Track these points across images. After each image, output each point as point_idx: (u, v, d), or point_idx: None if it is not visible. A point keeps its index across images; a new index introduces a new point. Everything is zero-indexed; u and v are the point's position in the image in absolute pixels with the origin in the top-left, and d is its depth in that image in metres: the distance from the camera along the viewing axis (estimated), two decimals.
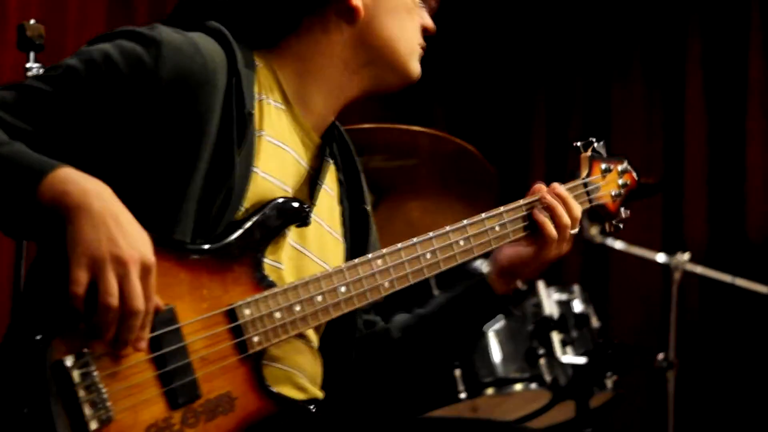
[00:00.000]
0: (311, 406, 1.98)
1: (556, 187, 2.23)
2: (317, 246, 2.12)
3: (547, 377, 3.75)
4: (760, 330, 5.50)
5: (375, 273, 2.04)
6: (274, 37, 2.12)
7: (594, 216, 2.35)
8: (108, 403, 1.72)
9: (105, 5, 4.50)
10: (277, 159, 2.06)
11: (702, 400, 5.58)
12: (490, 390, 3.71)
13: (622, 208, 2.39)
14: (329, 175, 2.22)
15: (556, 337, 3.82)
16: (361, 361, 2.28)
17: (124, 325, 1.70)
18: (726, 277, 4.90)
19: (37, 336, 1.68)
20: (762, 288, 4.84)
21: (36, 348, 1.68)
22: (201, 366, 1.83)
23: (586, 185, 2.32)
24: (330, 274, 1.99)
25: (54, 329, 1.70)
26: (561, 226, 2.19)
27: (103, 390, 1.71)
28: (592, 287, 4.52)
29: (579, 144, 2.37)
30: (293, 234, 2.06)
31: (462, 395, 3.68)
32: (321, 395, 2.13)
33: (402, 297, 2.24)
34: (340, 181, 2.26)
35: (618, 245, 5.02)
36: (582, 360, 3.78)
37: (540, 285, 3.89)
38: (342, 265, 2.02)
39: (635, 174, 2.41)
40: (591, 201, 2.32)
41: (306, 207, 2.02)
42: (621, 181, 2.39)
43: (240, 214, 1.96)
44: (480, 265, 3.88)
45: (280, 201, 2.00)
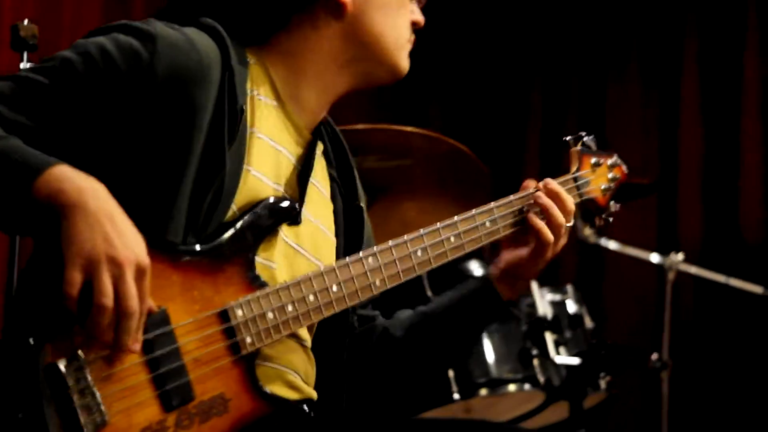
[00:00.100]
0: (305, 406, 1.98)
1: (549, 183, 2.23)
2: (310, 243, 2.12)
3: (541, 378, 3.75)
4: (754, 330, 5.50)
5: (367, 272, 2.04)
6: (264, 34, 2.13)
7: (584, 210, 2.35)
8: (102, 407, 1.72)
9: (101, 5, 4.50)
10: (268, 156, 2.06)
11: (696, 400, 5.58)
12: (483, 391, 3.71)
13: (611, 201, 2.39)
14: (320, 172, 2.22)
15: (549, 338, 3.82)
16: (359, 359, 2.28)
17: (118, 327, 1.70)
18: (720, 278, 4.91)
19: (30, 339, 1.69)
20: (756, 288, 4.84)
21: (29, 351, 1.68)
22: (194, 367, 1.83)
23: (576, 179, 2.32)
24: (322, 273, 2.00)
25: (47, 332, 1.70)
26: (556, 226, 2.19)
27: (97, 393, 1.71)
28: (585, 287, 4.52)
29: (569, 138, 2.37)
30: (287, 232, 2.06)
31: (455, 396, 3.67)
32: (314, 394, 2.13)
33: (399, 293, 2.25)
34: (332, 177, 2.26)
35: (612, 245, 5.02)
36: (576, 360, 3.78)
37: (533, 285, 3.88)
38: (334, 264, 2.02)
39: (625, 168, 2.41)
40: (581, 195, 2.32)
41: (296, 205, 2.03)
42: (611, 175, 2.38)
43: (231, 212, 1.96)
44: (473, 266, 3.89)
45: (270, 200, 2.00)
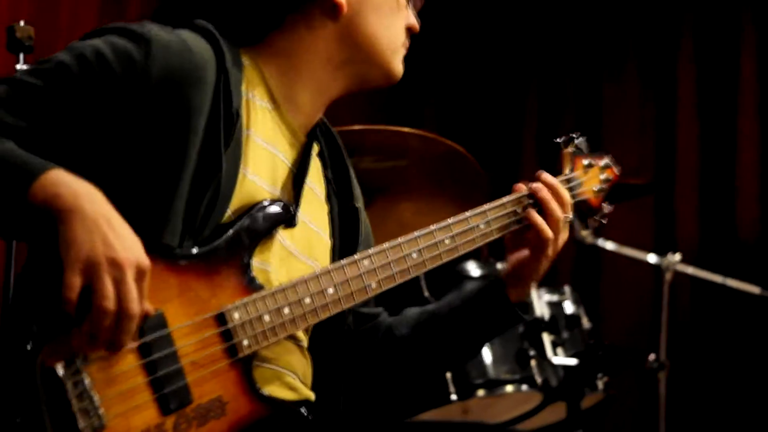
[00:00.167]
0: (302, 408, 1.98)
1: (542, 174, 2.24)
2: (305, 245, 2.12)
3: (538, 378, 3.75)
4: (751, 330, 5.50)
5: (362, 274, 2.05)
6: (258, 34, 2.13)
7: (577, 212, 2.35)
8: (100, 411, 1.72)
9: (96, 7, 4.49)
10: (264, 159, 2.06)
11: (693, 400, 5.58)
12: (481, 391, 3.70)
13: (604, 203, 2.39)
14: (316, 174, 2.22)
15: (547, 339, 3.82)
16: (363, 356, 2.29)
17: (119, 328, 1.70)
18: (717, 278, 4.91)
19: (28, 344, 1.68)
20: (753, 288, 4.85)
21: (27, 356, 1.68)
22: (192, 370, 1.84)
23: (568, 181, 2.32)
24: (317, 275, 2.00)
25: (45, 336, 1.70)
26: (555, 220, 2.20)
27: (95, 397, 1.72)
28: (583, 288, 4.53)
29: (561, 140, 2.37)
30: (283, 235, 2.06)
31: (453, 397, 3.67)
32: (312, 395, 2.13)
33: (396, 295, 2.24)
34: (327, 179, 2.26)
35: (609, 246, 5.02)
36: (573, 361, 3.78)
37: None
38: (329, 267, 2.03)
39: (617, 169, 2.41)
40: (574, 197, 2.32)
41: (291, 208, 2.03)
42: (603, 177, 2.38)
43: (227, 215, 1.96)
44: (470, 267, 3.89)
45: (265, 203, 2.00)
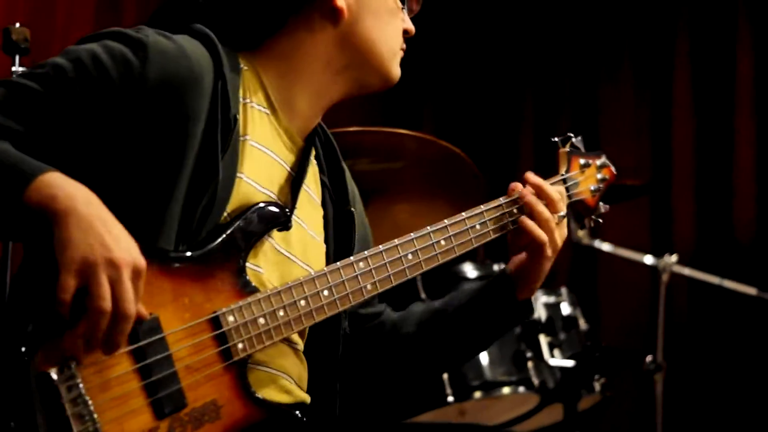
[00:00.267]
0: (298, 411, 1.98)
1: (526, 175, 2.24)
2: (300, 249, 2.12)
3: (535, 380, 3.75)
4: (748, 332, 5.50)
5: (357, 275, 2.05)
6: (258, 38, 2.13)
7: (573, 212, 2.35)
8: (94, 415, 1.71)
9: (92, 9, 4.49)
10: (261, 164, 2.06)
11: (690, 402, 5.57)
12: (477, 393, 3.70)
13: (601, 202, 2.39)
14: (313, 177, 2.22)
15: (543, 340, 3.82)
16: (367, 355, 2.31)
17: (114, 329, 1.70)
18: (714, 279, 4.91)
19: (22, 347, 1.68)
20: (750, 290, 4.85)
21: (21, 360, 1.68)
22: (186, 374, 1.83)
23: (565, 181, 2.33)
24: (313, 278, 2.00)
25: (39, 339, 1.69)
26: (544, 221, 2.20)
27: (90, 402, 1.71)
28: (580, 289, 4.52)
29: (557, 139, 2.37)
30: (277, 237, 2.06)
31: (450, 398, 3.68)
32: (307, 398, 2.13)
33: (393, 296, 2.24)
34: (323, 183, 2.26)
35: (606, 247, 5.02)
36: (570, 363, 3.78)
37: None
38: (325, 269, 2.03)
39: (614, 168, 2.42)
40: (570, 197, 2.32)
41: (287, 211, 2.03)
42: (600, 176, 2.39)
43: (223, 219, 1.96)
44: (467, 269, 3.89)
45: (261, 205, 2.00)
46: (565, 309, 4.01)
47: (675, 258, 4.83)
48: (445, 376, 3.67)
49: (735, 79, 5.80)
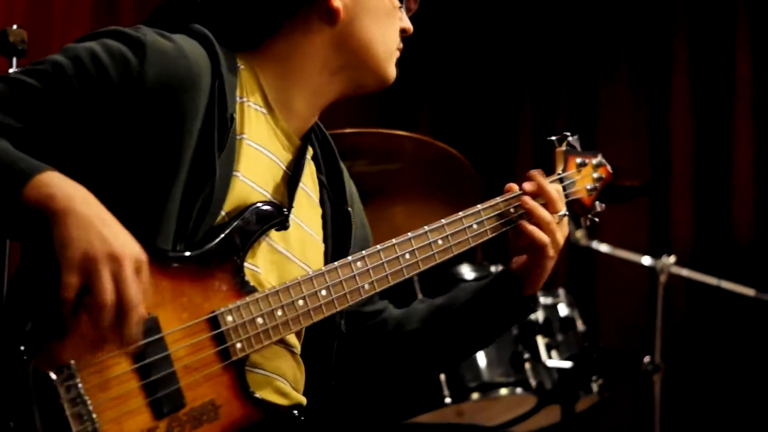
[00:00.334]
0: (296, 411, 1.98)
1: (528, 174, 2.25)
2: (298, 248, 2.12)
3: (533, 381, 3.74)
4: (745, 333, 5.50)
5: (355, 275, 2.05)
6: (255, 38, 2.13)
7: (570, 212, 2.36)
8: (93, 415, 1.71)
9: (89, 11, 4.49)
10: (258, 163, 2.06)
11: (688, 403, 5.58)
12: (475, 394, 3.70)
13: (597, 201, 2.39)
14: (310, 177, 2.23)
15: (541, 341, 3.82)
16: (370, 353, 2.31)
17: (122, 322, 1.70)
18: (712, 280, 4.92)
19: (21, 347, 1.68)
20: (748, 290, 4.85)
21: (20, 360, 1.68)
22: (185, 374, 1.83)
23: (561, 180, 2.33)
24: (311, 277, 2.00)
25: (38, 339, 1.69)
26: (545, 223, 2.21)
27: (89, 402, 1.71)
28: (577, 290, 4.52)
29: (554, 138, 2.38)
30: (275, 237, 2.06)
31: (447, 400, 3.67)
32: (303, 400, 2.13)
33: (390, 297, 2.24)
34: (320, 182, 2.26)
35: (603, 248, 5.02)
36: (567, 364, 3.77)
37: None
38: (322, 269, 2.03)
39: (610, 167, 2.42)
40: (567, 196, 2.33)
41: (284, 210, 2.03)
42: (596, 175, 2.39)
43: (220, 218, 1.96)
44: (464, 270, 3.89)
45: (258, 205, 2.01)
46: (563, 310, 4.01)
47: (673, 259, 4.83)
48: (443, 377, 3.67)
49: (734, 80, 5.80)
